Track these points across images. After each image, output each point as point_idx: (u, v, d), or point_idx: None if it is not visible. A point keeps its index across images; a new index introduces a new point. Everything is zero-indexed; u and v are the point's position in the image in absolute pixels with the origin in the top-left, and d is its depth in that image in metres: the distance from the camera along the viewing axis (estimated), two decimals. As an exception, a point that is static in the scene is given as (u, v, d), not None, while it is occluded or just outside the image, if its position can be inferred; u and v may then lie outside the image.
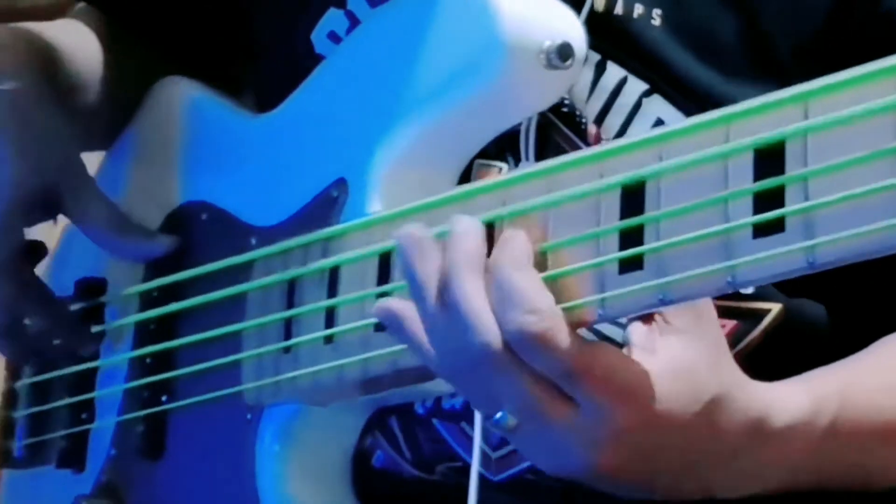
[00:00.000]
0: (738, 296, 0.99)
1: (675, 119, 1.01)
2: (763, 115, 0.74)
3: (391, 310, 0.87)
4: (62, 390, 1.22)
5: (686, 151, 0.77)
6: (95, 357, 1.20)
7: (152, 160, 1.22)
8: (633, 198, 0.80)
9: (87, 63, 1.22)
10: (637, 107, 1.02)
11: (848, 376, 0.95)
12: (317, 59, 1.10)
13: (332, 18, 1.10)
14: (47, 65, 1.16)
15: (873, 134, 0.70)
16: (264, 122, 1.12)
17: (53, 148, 1.14)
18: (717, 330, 0.86)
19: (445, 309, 0.84)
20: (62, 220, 1.18)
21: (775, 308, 1.01)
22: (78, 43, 1.22)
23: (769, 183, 0.73)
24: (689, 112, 1.01)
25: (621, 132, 1.02)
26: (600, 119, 1.03)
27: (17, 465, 1.28)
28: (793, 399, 0.90)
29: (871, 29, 1.00)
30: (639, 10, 1.03)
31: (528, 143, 1.00)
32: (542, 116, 1.01)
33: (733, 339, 1.00)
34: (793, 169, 0.72)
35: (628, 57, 1.02)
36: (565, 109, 1.02)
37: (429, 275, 0.85)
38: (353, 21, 1.10)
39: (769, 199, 0.73)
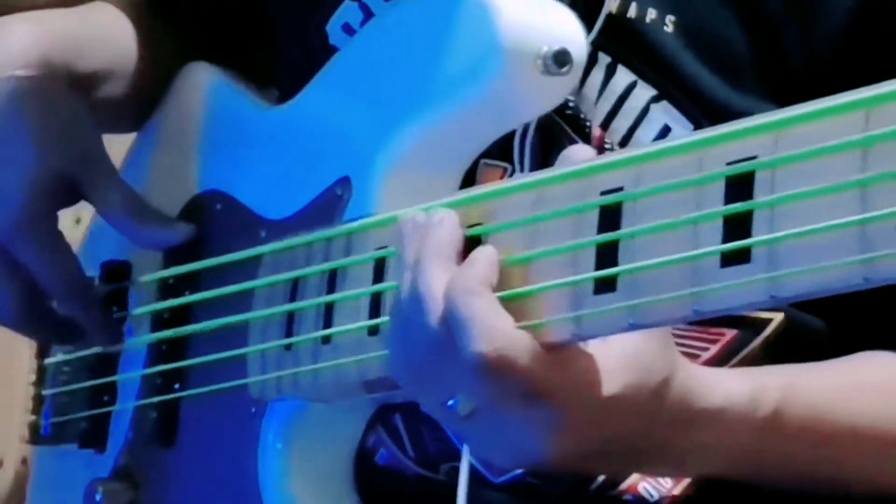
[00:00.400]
0: None
1: (682, 126, 1.00)
2: (735, 141, 0.73)
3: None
4: (88, 371, 1.24)
5: (662, 173, 0.77)
6: (119, 340, 1.23)
7: (174, 146, 1.23)
8: (610, 217, 0.79)
9: (116, 47, 1.23)
10: (644, 112, 1.01)
11: (798, 374, 0.94)
12: (331, 50, 1.10)
13: (347, 10, 1.10)
14: (69, 51, 1.17)
15: (839, 167, 0.69)
16: (278, 114, 1.13)
17: (73, 135, 1.15)
18: None
19: (411, 291, 0.84)
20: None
21: (777, 318, 1.00)
22: (107, 27, 1.23)
23: (737, 208, 0.72)
24: (696, 120, 1.00)
25: (627, 136, 1.01)
26: (607, 122, 1.02)
27: (45, 441, 1.30)
28: (731, 382, 0.90)
29: (885, 49, 0.98)
30: (652, 14, 1.01)
31: (524, 146, 1.00)
32: (547, 118, 1.00)
33: (733, 349, 1.00)
34: (760, 196, 0.71)
35: (638, 61, 1.01)
36: (570, 112, 1.01)
37: (407, 257, 0.86)
38: (368, 14, 1.09)
39: (737, 226, 0.72)
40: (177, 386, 1.14)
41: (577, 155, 0.84)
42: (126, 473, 1.18)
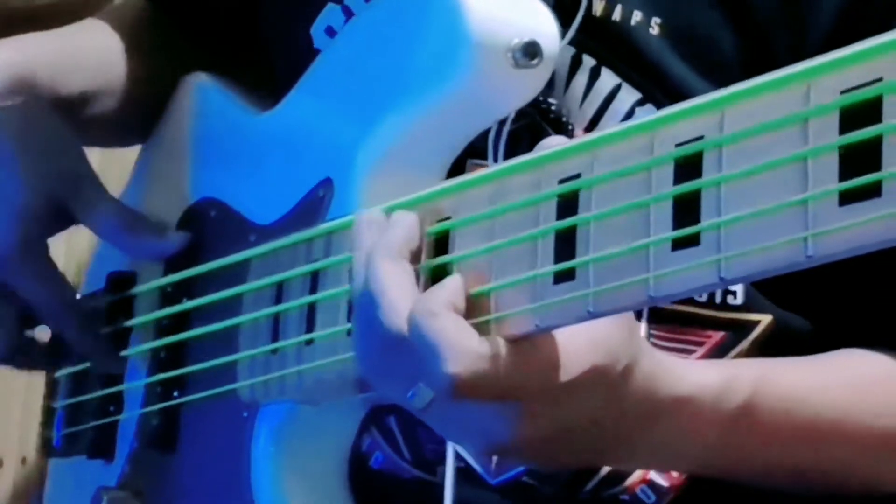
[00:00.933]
0: (727, 307, 0.97)
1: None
2: (683, 121, 0.72)
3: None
4: (95, 382, 1.25)
5: (615, 157, 0.76)
6: (125, 348, 1.22)
7: (173, 156, 1.23)
8: (567, 206, 0.78)
9: (103, 66, 1.23)
10: (629, 115, 1.00)
11: (772, 367, 0.92)
12: (315, 54, 1.10)
13: (330, 13, 1.10)
14: (51, 74, 1.17)
15: (783, 141, 0.67)
16: (265, 119, 1.13)
17: (59, 158, 1.15)
18: None
19: (363, 289, 0.84)
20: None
21: (765, 320, 0.98)
22: (92, 46, 1.23)
23: (686, 188, 0.71)
24: None
25: None
26: (593, 125, 1.01)
27: (57, 453, 1.31)
28: (701, 372, 0.88)
29: None
30: (637, 17, 1.00)
31: (497, 145, 0.99)
32: (531, 120, 1.00)
33: (721, 350, 0.98)
34: (708, 175, 0.70)
35: (623, 64, 1.00)
36: (552, 115, 1.00)
37: (359, 256, 0.86)
38: (349, 16, 1.09)
39: (686, 207, 0.71)
40: (176, 393, 1.14)
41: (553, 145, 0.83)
42: (131, 482, 1.19)
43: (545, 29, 0.93)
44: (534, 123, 1.01)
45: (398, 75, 0.98)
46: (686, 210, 0.71)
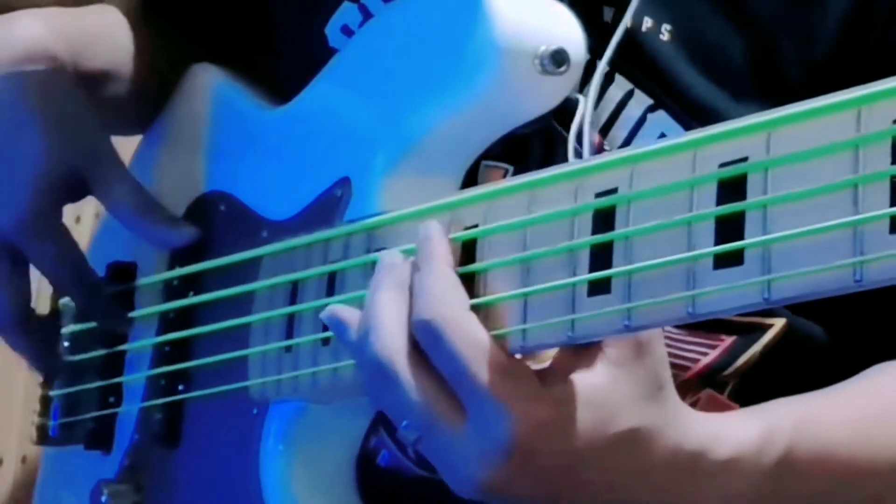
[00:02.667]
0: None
1: (679, 136, 0.98)
2: (727, 141, 0.73)
3: (336, 315, 0.89)
4: (93, 373, 1.24)
5: (655, 173, 0.76)
6: (124, 341, 1.22)
7: (179, 147, 1.23)
8: (604, 219, 0.78)
9: (118, 48, 1.22)
10: (641, 121, 1.00)
11: (807, 409, 0.92)
12: (330, 52, 1.10)
13: (346, 12, 1.10)
14: (74, 49, 1.17)
15: (831, 167, 0.68)
16: (279, 115, 1.12)
17: (81, 129, 1.14)
18: (655, 369, 0.84)
19: (364, 316, 0.86)
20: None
21: (778, 323, 0.98)
22: (110, 28, 1.23)
23: (730, 209, 0.71)
24: (692, 129, 0.98)
25: (624, 146, 1.00)
26: (604, 131, 1.01)
27: (53, 442, 1.30)
28: (739, 430, 0.88)
29: (882, 56, 0.97)
30: (647, 23, 1.00)
31: (527, 145, 0.99)
32: (547, 123, 1.00)
33: (732, 354, 0.99)
34: (753, 196, 0.71)
35: (635, 70, 1.00)
36: (569, 115, 1.00)
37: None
38: (367, 15, 1.09)
39: (730, 226, 0.72)
40: (181, 387, 1.14)
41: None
42: (132, 475, 1.18)
43: (572, 36, 0.94)
44: (551, 128, 1.01)
45: (422, 77, 0.98)
46: (729, 229, 0.72)
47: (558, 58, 0.92)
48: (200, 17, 1.26)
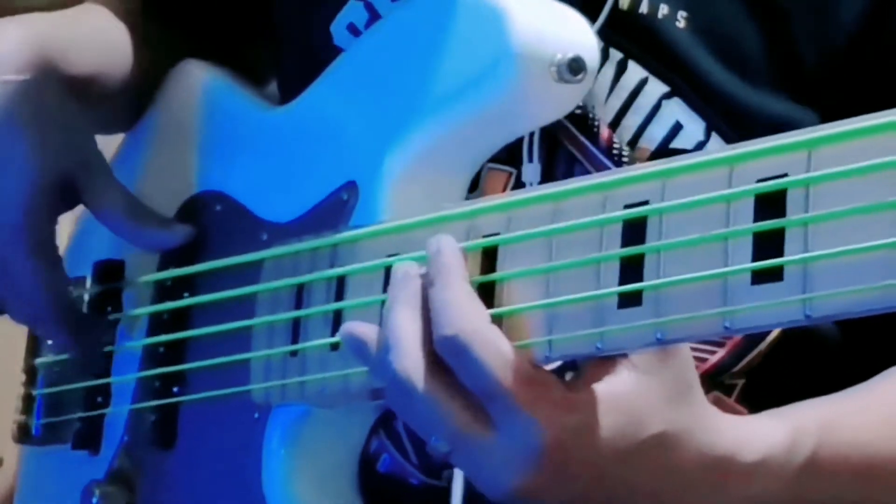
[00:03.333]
0: None
1: (694, 122, 1.00)
2: (766, 158, 0.73)
3: (353, 334, 0.89)
4: (80, 372, 1.23)
5: (689, 188, 0.76)
6: (111, 342, 1.20)
7: (170, 145, 1.21)
8: (634, 231, 0.79)
9: (107, 49, 1.20)
10: (656, 108, 1.00)
11: (832, 411, 0.93)
12: (335, 51, 1.09)
13: (352, 10, 1.09)
14: (60, 54, 1.15)
15: (876, 186, 0.68)
16: (281, 115, 1.11)
17: (69, 136, 1.13)
18: (684, 372, 0.84)
19: (381, 334, 0.86)
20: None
21: None
22: (98, 29, 1.21)
23: (769, 225, 0.72)
24: (708, 117, 1.00)
25: (639, 133, 1.00)
26: (618, 119, 1.01)
27: (35, 441, 1.28)
28: (767, 433, 0.89)
29: None
30: (664, 10, 1.01)
31: (532, 148, 0.99)
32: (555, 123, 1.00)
33: (740, 352, 0.99)
34: (793, 214, 0.71)
35: (650, 57, 1.00)
36: (578, 111, 1.00)
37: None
38: (373, 14, 1.08)
39: (768, 243, 0.72)
40: (175, 389, 1.12)
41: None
42: (122, 475, 1.17)
43: (588, 43, 0.94)
44: (555, 122, 1.01)
45: (433, 81, 0.97)
46: (768, 246, 0.72)
47: (575, 66, 0.92)
48: (200, 13, 1.25)
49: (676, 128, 1.01)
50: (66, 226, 1.18)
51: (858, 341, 1.00)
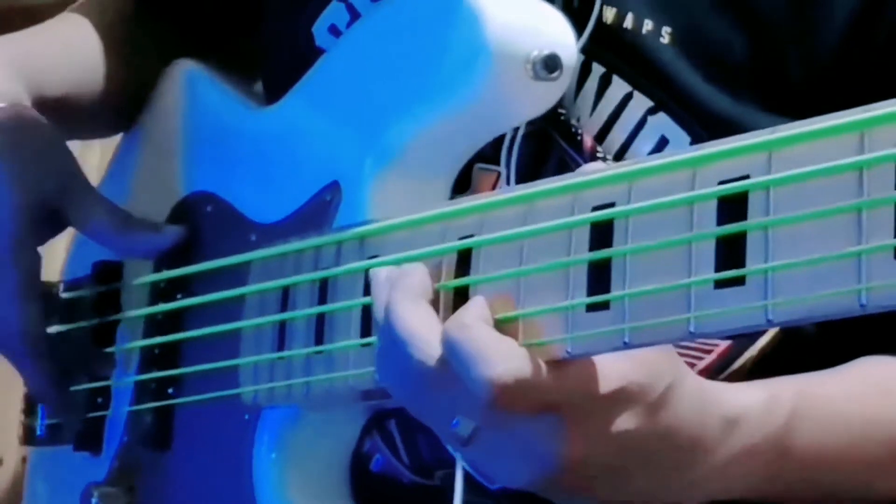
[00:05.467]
0: None
1: (680, 138, 0.99)
2: (728, 160, 0.72)
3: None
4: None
5: (654, 190, 0.75)
6: (112, 343, 1.21)
7: (162, 147, 1.21)
8: (602, 234, 0.77)
9: (84, 60, 1.20)
10: (641, 123, 0.99)
11: (809, 381, 0.92)
12: (317, 52, 1.09)
13: (334, 11, 1.08)
14: (35, 74, 1.15)
15: (834, 190, 0.67)
16: (267, 115, 1.11)
17: (47, 162, 1.13)
18: (670, 349, 0.84)
19: (390, 336, 0.83)
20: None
21: (771, 329, 0.98)
22: (69, 42, 1.21)
23: (731, 229, 0.71)
24: (694, 131, 0.99)
25: (624, 148, 1.00)
26: (603, 133, 1.00)
27: (40, 443, 1.30)
28: (744, 392, 0.88)
29: (884, 60, 0.96)
30: (648, 25, 0.99)
31: (511, 152, 0.98)
32: (539, 126, 0.99)
33: (728, 359, 0.98)
34: (754, 217, 0.70)
35: (635, 72, 0.99)
36: (561, 118, 0.99)
37: (378, 307, 0.85)
38: (354, 14, 1.08)
39: (731, 247, 0.71)
40: (171, 390, 1.13)
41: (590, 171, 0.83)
42: (122, 477, 1.17)
43: (564, 40, 0.93)
44: (543, 130, 1.01)
45: (411, 80, 0.97)
46: (730, 249, 0.71)
47: (550, 63, 0.91)
48: (188, 15, 1.25)
49: (662, 143, 1.00)
50: (65, 231, 1.19)
51: (839, 345, 0.99)
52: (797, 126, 0.69)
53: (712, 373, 0.99)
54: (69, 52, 1.20)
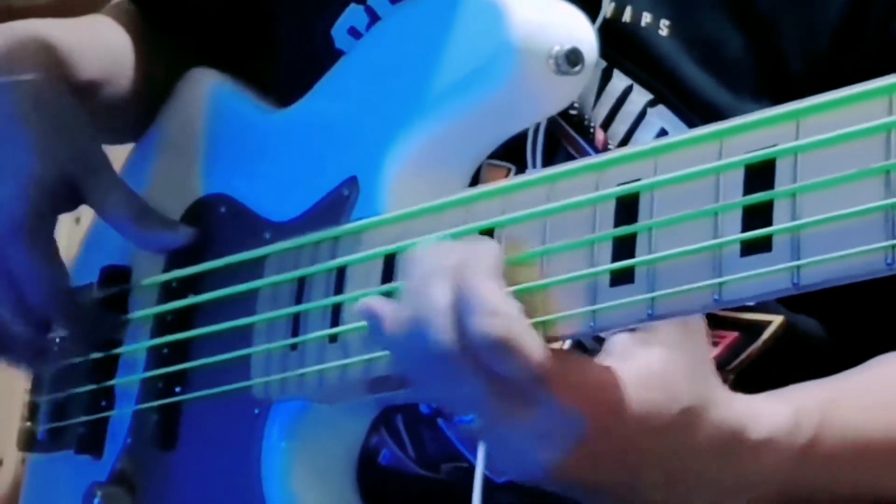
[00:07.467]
0: (739, 307, 0.98)
1: (679, 130, 1.00)
2: (755, 131, 0.74)
3: (371, 308, 0.87)
4: (84, 377, 1.23)
5: (680, 164, 0.77)
6: (118, 345, 1.21)
7: (176, 151, 1.23)
8: (627, 209, 0.79)
9: (113, 57, 1.22)
10: (641, 116, 1.01)
11: (832, 393, 0.93)
12: (336, 54, 1.11)
13: (353, 14, 1.10)
14: (67, 58, 1.17)
15: (863, 154, 0.69)
16: (283, 118, 1.12)
17: (74, 137, 1.14)
18: (702, 347, 0.85)
19: (413, 311, 0.84)
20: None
21: (777, 320, 0.99)
22: (104, 37, 1.23)
23: (758, 198, 0.72)
24: (693, 124, 1.00)
25: (625, 140, 1.01)
26: (605, 126, 1.02)
27: (40, 448, 1.29)
28: (772, 412, 0.89)
29: (881, 51, 0.98)
30: (647, 18, 1.02)
31: (535, 148, 1.00)
32: (551, 120, 1.01)
33: (734, 350, 1.00)
34: (782, 185, 0.72)
35: (634, 65, 1.01)
36: (573, 112, 1.01)
37: (410, 283, 0.85)
38: (373, 17, 1.10)
39: (757, 215, 0.72)
40: (178, 389, 1.13)
41: None
42: (124, 478, 1.17)
43: (585, 36, 0.95)
44: (554, 123, 1.02)
45: (434, 78, 0.98)
46: (757, 219, 0.72)
47: (573, 58, 0.93)
48: (198, 22, 1.27)
49: (662, 135, 1.02)
50: (66, 226, 1.19)
51: (843, 338, 1.01)
52: (823, 96, 0.71)
53: (719, 365, 0.99)
54: (104, 44, 1.22)
